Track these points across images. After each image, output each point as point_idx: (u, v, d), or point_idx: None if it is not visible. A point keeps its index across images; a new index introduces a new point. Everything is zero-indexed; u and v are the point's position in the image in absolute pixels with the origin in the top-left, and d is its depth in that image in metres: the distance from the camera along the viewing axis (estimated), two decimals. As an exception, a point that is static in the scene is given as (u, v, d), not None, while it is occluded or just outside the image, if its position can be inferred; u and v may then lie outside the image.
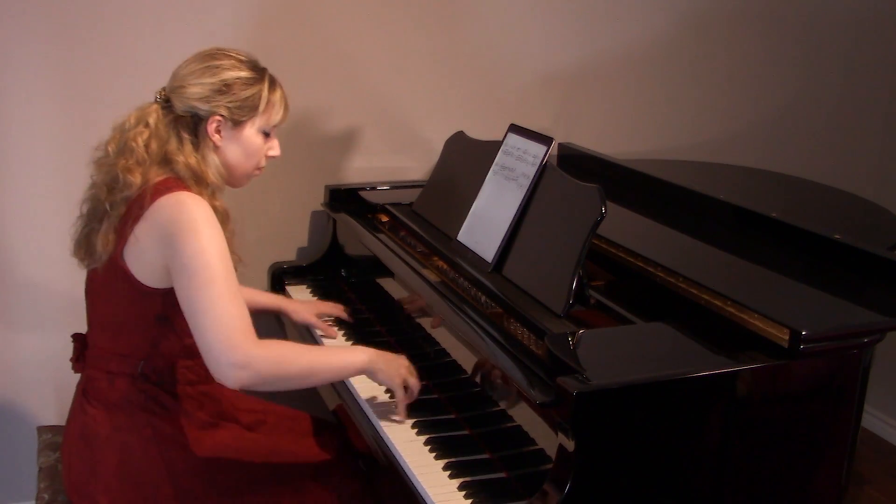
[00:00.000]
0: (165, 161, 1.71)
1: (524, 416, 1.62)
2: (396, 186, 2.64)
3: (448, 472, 1.63)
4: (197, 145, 1.74)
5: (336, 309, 2.29)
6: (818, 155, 3.25)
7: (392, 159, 2.76)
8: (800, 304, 1.71)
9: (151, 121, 1.71)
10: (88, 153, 1.78)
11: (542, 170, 1.95)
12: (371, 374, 1.79)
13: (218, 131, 1.75)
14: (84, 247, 1.76)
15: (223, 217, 1.73)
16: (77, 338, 1.86)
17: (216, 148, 1.76)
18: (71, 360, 1.86)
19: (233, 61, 1.76)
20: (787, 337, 1.52)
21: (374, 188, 2.62)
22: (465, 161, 2.27)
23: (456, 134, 2.43)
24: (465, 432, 1.77)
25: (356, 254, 2.52)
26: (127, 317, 1.74)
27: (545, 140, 1.98)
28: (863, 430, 2.50)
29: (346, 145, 2.70)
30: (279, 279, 2.55)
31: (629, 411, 1.46)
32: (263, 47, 2.51)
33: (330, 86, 2.63)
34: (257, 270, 2.60)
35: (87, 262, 1.77)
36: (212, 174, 1.74)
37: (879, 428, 3.26)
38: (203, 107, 1.72)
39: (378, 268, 2.29)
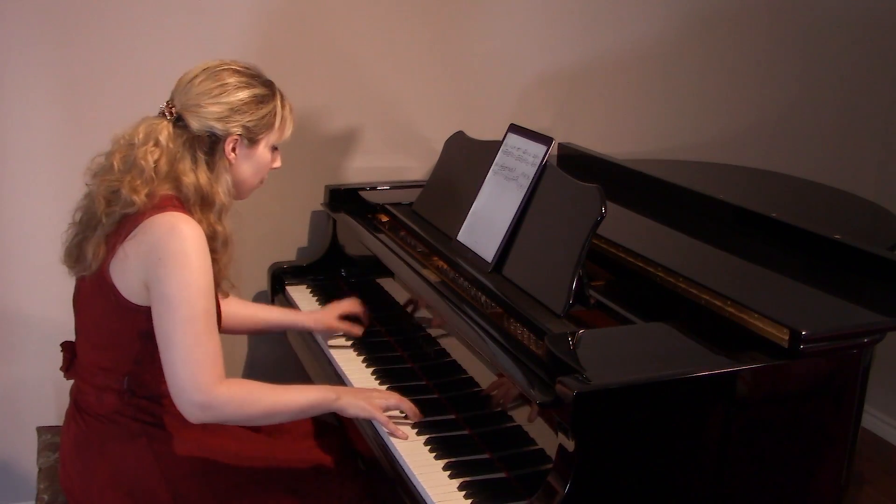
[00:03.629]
0: (173, 179, 1.68)
1: (524, 416, 1.62)
2: (396, 186, 2.64)
3: (448, 472, 1.63)
4: (212, 165, 1.72)
5: (354, 305, 2.22)
6: (819, 155, 3.25)
7: (392, 159, 2.76)
8: (800, 304, 1.71)
9: (163, 139, 1.67)
10: (89, 156, 1.76)
11: (542, 170, 1.95)
12: (341, 411, 1.76)
13: (234, 150, 1.73)
14: (75, 255, 1.74)
15: (223, 242, 1.72)
16: (66, 346, 1.85)
17: (230, 166, 1.74)
18: (61, 368, 1.85)
19: (244, 77, 1.73)
20: (787, 337, 1.52)
21: (374, 188, 2.62)
22: (465, 161, 2.27)
23: (456, 134, 2.43)
24: (465, 432, 1.77)
25: (356, 254, 2.51)
26: (111, 331, 1.72)
27: (545, 140, 1.98)
28: (863, 430, 2.50)
29: (346, 145, 2.70)
30: (279, 279, 2.55)
31: (629, 411, 1.46)
32: (264, 48, 2.52)
33: (330, 86, 2.63)
34: (257, 270, 2.61)
35: (76, 269, 1.75)
36: (222, 193, 1.72)
37: (879, 428, 3.26)
38: (220, 126, 1.70)
39: (378, 268, 2.29)
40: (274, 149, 1.82)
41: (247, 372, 2.73)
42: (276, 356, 2.67)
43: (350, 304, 2.22)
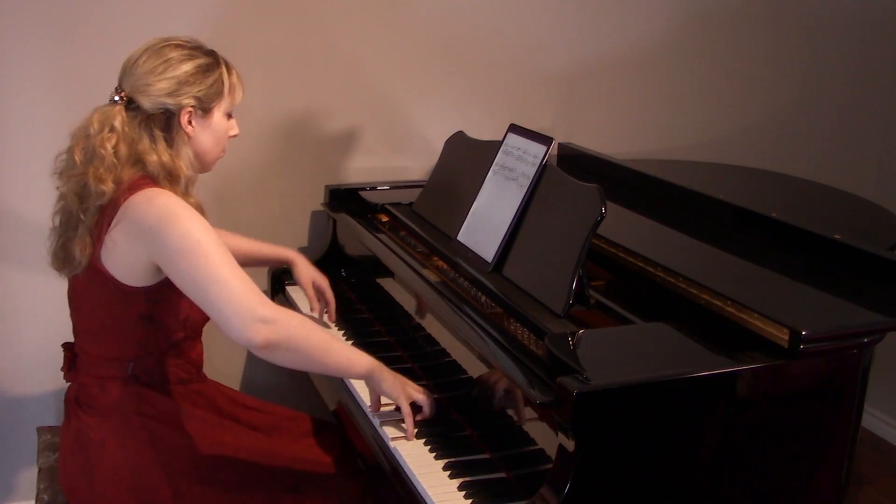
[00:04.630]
0: (136, 161, 1.70)
1: (524, 416, 1.62)
2: (396, 186, 2.64)
3: (448, 472, 1.63)
4: (171, 141, 1.74)
5: (325, 282, 2.26)
6: (819, 155, 3.25)
7: (392, 159, 2.76)
8: (800, 304, 1.71)
9: (117, 124, 1.69)
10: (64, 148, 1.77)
11: (542, 170, 1.95)
12: (378, 381, 1.76)
13: (190, 122, 1.75)
14: (62, 257, 1.75)
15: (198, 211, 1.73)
16: (66, 347, 1.86)
17: (189, 139, 1.76)
18: (62, 369, 1.86)
19: (186, 50, 1.75)
20: (787, 337, 1.52)
21: (374, 188, 2.62)
22: (465, 161, 2.27)
23: (456, 134, 2.43)
24: (465, 432, 1.77)
25: (356, 254, 2.51)
26: (112, 319, 1.73)
27: (545, 140, 1.98)
28: (863, 430, 2.50)
29: (346, 145, 2.70)
30: (279, 279, 2.55)
31: (629, 411, 1.46)
32: (264, 47, 2.52)
33: (330, 86, 2.63)
34: (257, 270, 2.60)
35: (66, 270, 1.76)
36: (185, 167, 1.74)
37: (879, 428, 3.26)
38: (171, 101, 1.71)
39: (378, 268, 2.29)
40: (228, 116, 1.83)
41: (246, 371, 2.74)
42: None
43: (329, 291, 2.26)
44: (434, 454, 1.69)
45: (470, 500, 1.55)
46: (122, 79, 1.74)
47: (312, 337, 1.68)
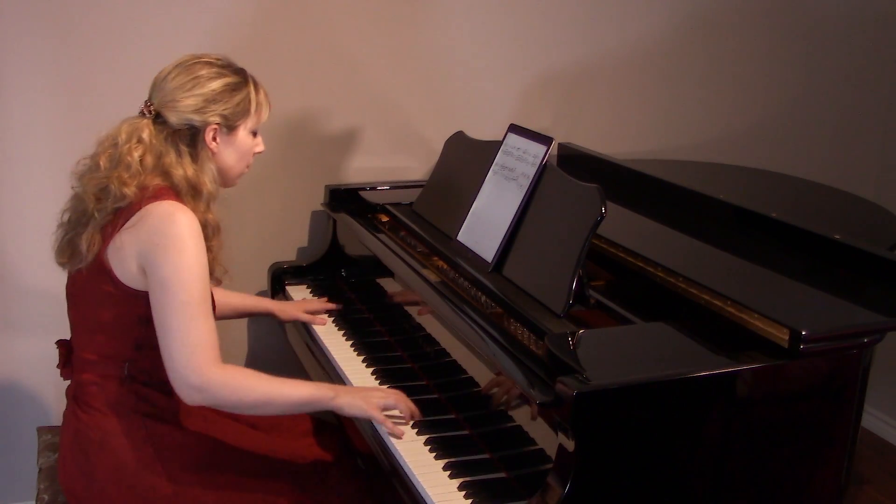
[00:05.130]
0: (162, 173, 1.72)
1: (524, 416, 1.62)
2: (396, 186, 2.64)
3: (448, 472, 1.63)
4: (195, 156, 1.76)
5: (321, 304, 2.35)
6: (819, 155, 3.25)
7: (392, 159, 2.76)
8: (800, 304, 1.71)
9: (145, 136, 1.71)
10: (87, 153, 1.78)
11: (542, 170, 1.95)
12: (338, 410, 1.76)
13: (214, 139, 1.77)
14: (68, 251, 1.76)
15: (214, 230, 1.76)
16: (62, 344, 1.86)
17: (213, 155, 1.78)
18: (58, 366, 1.86)
19: (215, 68, 1.77)
20: (787, 337, 1.52)
21: (374, 188, 2.62)
22: (465, 161, 2.27)
23: (456, 134, 2.43)
24: (465, 432, 1.77)
25: (356, 254, 2.52)
26: (110, 318, 1.74)
27: (545, 140, 1.98)
28: (863, 430, 2.50)
29: (346, 145, 2.70)
30: (279, 279, 2.55)
31: (629, 411, 1.46)
32: (264, 47, 2.52)
33: (330, 86, 2.63)
34: (257, 270, 2.61)
35: (71, 264, 1.77)
36: (209, 182, 1.76)
37: (879, 428, 3.26)
38: (198, 118, 1.74)
39: (378, 268, 2.29)
40: (254, 134, 1.85)
41: (247, 372, 2.73)
42: (275, 356, 2.66)
43: (318, 304, 2.35)
44: (434, 454, 1.69)
45: (470, 500, 1.55)
46: (152, 93, 1.77)
47: (248, 398, 1.68)
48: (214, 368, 1.64)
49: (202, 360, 1.62)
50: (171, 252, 1.63)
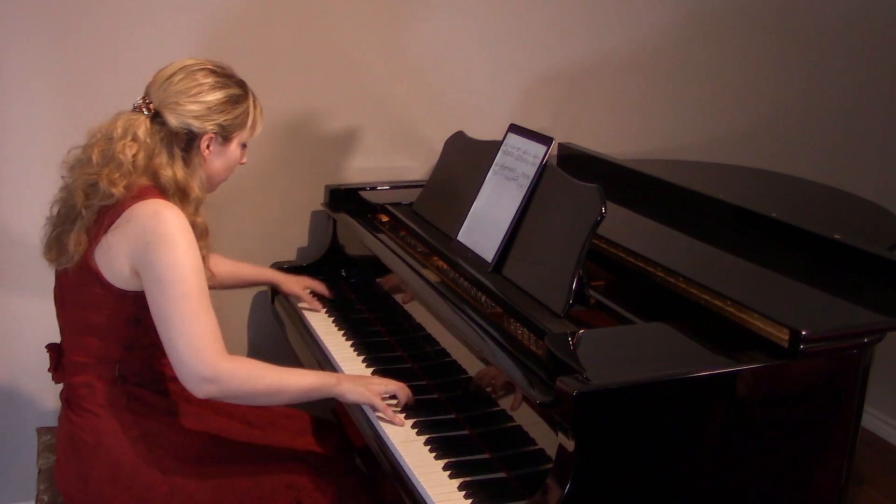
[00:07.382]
0: (150, 173, 1.72)
1: (524, 416, 1.62)
2: (396, 186, 2.64)
3: (448, 472, 1.63)
4: (188, 161, 1.77)
5: (320, 285, 2.41)
6: (819, 155, 3.25)
7: (392, 159, 2.76)
8: (800, 304, 1.71)
9: (141, 134, 1.71)
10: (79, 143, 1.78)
11: (542, 170, 1.95)
12: (340, 396, 1.79)
13: (208, 147, 1.78)
14: (55, 248, 1.76)
15: (202, 232, 1.76)
16: (51, 348, 1.86)
17: (203, 162, 1.79)
18: (49, 370, 1.86)
19: (220, 78, 1.78)
20: (787, 337, 1.52)
21: (374, 188, 2.62)
22: (465, 161, 2.27)
23: (456, 134, 2.43)
24: (465, 432, 1.77)
25: (356, 254, 2.52)
26: (99, 320, 1.73)
27: (545, 140, 1.98)
28: (863, 430, 2.50)
29: (346, 145, 2.70)
30: (279, 277, 2.55)
31: (629, 411, 1.46)
32: (264, 47, 2.52)
33: (330, 86, 2.63)
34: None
35: (58, 262, 1.76)
36: (197, 187, 1.77)
37: (879, 428, 3.26)
38: (197, 124, 1.74)
39: (378, 268, 2.29)
40: (243, 146, 1.87)
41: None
42: (275, 356, 2.66)
43: (317, 283, 2.41)
44: (434, 454, 1.69)
45: (470, 500, 1.55)
46: (151, 91, 1.76)
47: (259, 386, 1.70)
48: (224, 359, 1.65)
49: (211, 352, 1.63)
50: (163, 249, 1.63)
